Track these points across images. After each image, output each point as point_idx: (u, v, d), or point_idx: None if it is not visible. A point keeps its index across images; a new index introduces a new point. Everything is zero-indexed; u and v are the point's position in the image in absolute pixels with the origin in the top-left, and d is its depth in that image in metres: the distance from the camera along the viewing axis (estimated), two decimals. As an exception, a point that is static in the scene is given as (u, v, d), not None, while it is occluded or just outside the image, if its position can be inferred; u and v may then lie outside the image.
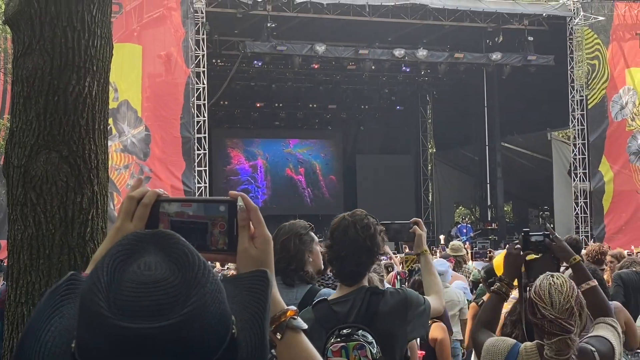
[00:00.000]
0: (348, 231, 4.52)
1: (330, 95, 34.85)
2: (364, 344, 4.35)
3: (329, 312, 4.54)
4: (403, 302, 4.56)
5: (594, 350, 4.05)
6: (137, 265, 1.57)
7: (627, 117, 27.08)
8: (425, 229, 5.18)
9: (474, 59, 29.52)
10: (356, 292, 4.55)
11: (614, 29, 27.30)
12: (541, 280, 4.05)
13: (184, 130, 23.67)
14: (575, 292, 4.00)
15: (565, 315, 3.92)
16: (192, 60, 23.99)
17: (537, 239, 4.65)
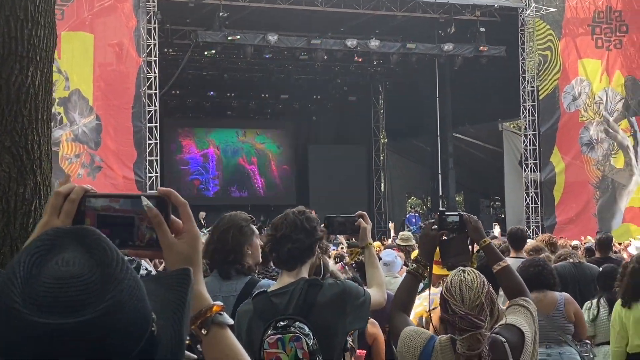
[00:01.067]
0: (287, 216, 4.59)
1: (283, 85, 34.79)
2: (301, 336, 4.36)
3: (268, 303, 4.55)
4: (342, 293, 4.56)
5: (504, 341, 4.10)
6: (55, 261, 1.54)
7: (580, 108, 27.33)
8: (370, 222, 5.17)
9: (426, 50, 29.60)
10: (295, 284, 4.55)
11: (566, 21, 27.52)
12: (452, 277, 4.09)
13: (135, 120, 23.52)
14: (485, 287, 4.05)
15: (475, 312, 3.97)
16: (144, 49, 23.85)
17: (453, 219, 4.64)
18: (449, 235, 4.66)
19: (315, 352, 4.37)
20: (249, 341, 4.53)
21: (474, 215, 4.77)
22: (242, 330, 4.57)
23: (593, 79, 27.41)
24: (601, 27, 27.65)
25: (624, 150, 27.45)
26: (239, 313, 4.70)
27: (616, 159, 27.38)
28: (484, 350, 3.98)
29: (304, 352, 4.35)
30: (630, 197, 27.35)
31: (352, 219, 5.11)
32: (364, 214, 5.16)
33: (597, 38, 27.63)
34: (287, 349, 4.37)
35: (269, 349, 4.39)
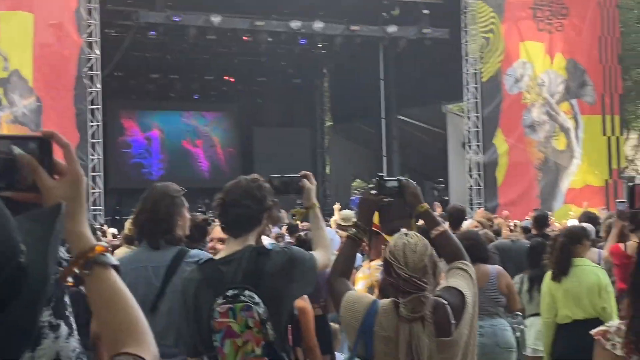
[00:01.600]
0: (240, 182, 4.64)
1: (227, 68, 34.68)
2: (251, 305, 4.36)
3: (216, 271, 4.55)
4: (289, 261, 4.57)
5: (445, 304, 4.14)
6: None
7: (523, 90, 27.53)
8: (315, 182, 5.18)
9: (370, 32, 29.61)
10: (242, 252, 4.54)
11: (508, 4, 27.65)
12: (396, 241, 4.13)
13: (77, 102, 23.22)
14: (428, 251, 4.10)
15: (419, 274, 4.02)
16: (85, 30, 23.55)
17: (392, 184, 4.65)
18: (388, 201, 4.66)
19: (266, 320, 4.37)
20: (197, 309, 4.54)
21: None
22: (188, 298, 4.58)
23: (535, 61, 27.61)
24: (542, 10, 27.83)
25: (565, 132, 27.73)
26: (185, 280, 4.70)
27: (558, 141, 27.66)
28: (426, 313, 4.02)
29: (254, 321, 4.36)
30: (571, 178, 27.65)
31: (296, 179, 5.09)
32: (309, 174, 5.14)
33: (538, 21, 27.82)
34: (238, 318, 4.36)
35: (219, 319, 4.38)
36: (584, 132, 27.90)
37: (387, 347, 4.11)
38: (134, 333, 2.12)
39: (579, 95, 28.01)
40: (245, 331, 4.36)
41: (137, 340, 2.10)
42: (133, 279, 5.08)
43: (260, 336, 4.37)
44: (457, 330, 4.14)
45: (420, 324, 4.01)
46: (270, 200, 4.68)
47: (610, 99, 28.37)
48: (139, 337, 2.12)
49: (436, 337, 4.05)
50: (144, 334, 2.14)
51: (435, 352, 4.04)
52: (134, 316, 2.13)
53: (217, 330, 4.39)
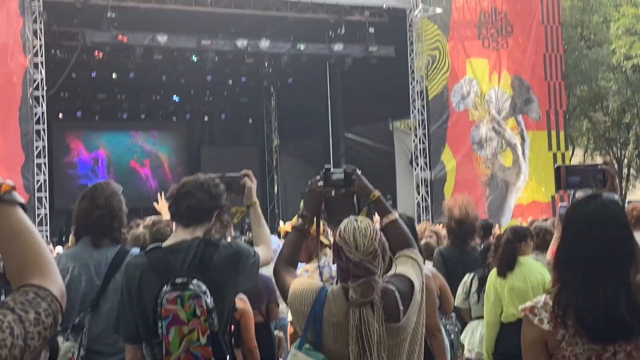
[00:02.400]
0: (197, 177, 4.78)
1: (174, 87, 34.57)
2: (200, 294, 4.45)
3: (163, 258, 4.60)
4: (235, 254, 4.68)
5: (394, 290, 4.15)
6: None
7: (469, 107, 27.78)
8: (255, 180, 5.32)
9: (316, 50, 29.65)
10: (190, 242, 4.62)
11: (454, 22, 27.94)
12: (345, 225, 4.14)
13: (22, 122, 23.03)
14: (378, 235, 4.13)
15: (369, 258, 4.05)
16: (30, 50, 23.36)
17: (338, 176, 4.63)
18: (335, 193, 4.64)
19: (212, 310, 4.45)
20: (141, 294, 4.57)
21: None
22: (132, 283, 4.61)
23: (481, 78, 27.90)
24: (487, 27, 28.17)
25: (511, 148, 28.03)
26: (130, 265, 4.75)
27: (504, 157, 27.94)
28: (375, 297, 4.03)
29: (202, 309, 4.43)
30: (519, 194, 27.91)
31: (237, 178, 5.20)
32: (249, 173, 5.32)
33: (483, 38, 28.15)
34: (186, 306, 4.41)
35: (167, 306, 4.43)
36: (530, 148, 28.21)
37: (336, 332, 4.12)
38: (39, 266, 2.17)
39: (525, 111, 28.35)
40: (192, 319, 4.42)
41: (42, 273, 2.16)
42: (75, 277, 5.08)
43: (207, 325, 4.44)
44: (405, 317, 4.15)
45: (370, 309, 4.02)
46: (224, 200, 4.75)
47: (555, 115, 28.75)
48: (44, 270, 2.17)
49: (385, 322, 4.07)
50: (49, 267, 2.19)
51: (384, 338, 4.05)
52: (39, 251, 2.18)
53: (163, 317, 4.43)
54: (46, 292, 2.11)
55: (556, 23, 29.12)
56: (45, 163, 23.70)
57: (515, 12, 28.55)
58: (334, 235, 4.22)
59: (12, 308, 2.02)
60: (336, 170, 4.68)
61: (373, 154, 33.90)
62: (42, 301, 2.08)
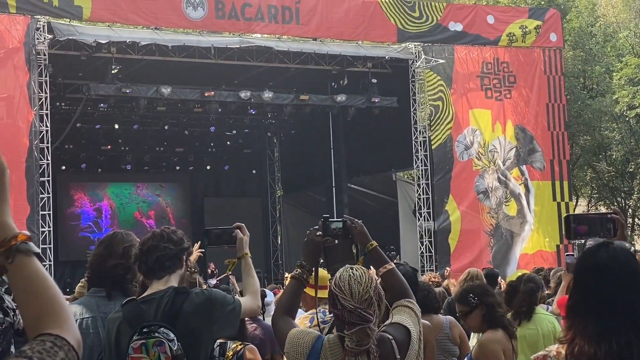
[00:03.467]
0: (154, 231, 4.83)
1: (178, 138, 34.66)
2: (164, 341, 4.52)
3: (137, 310, 4.67)
4: (208, 301, 4.70)
5: (391, 339, 4.18)
6: None
7: (473, 157, 27.81)
8: (248, 233, 5.35)
9: (319, 101, 29.76)
10: (163, 291, 4.68)
11: (456, 72, 28.08)
12: (341, 273, 4.16)
13: (28, 174, 23.07)
14: (373, 282, 4.15)
15: (364, 305, 4.06)
16: (35, 103, 23.46)
17: (337, 225, 4.69)
18: (333, 242, 4.68)
19: (180, 356, 4.48)
20: (118, 347, 4.66)
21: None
22: (111, 337, 4.71)
23: (484, 128, 28.00)
24: (490, 78, 28.32)
25: (515, 198, 28.04)
26: (109, 320, 4.82)
27: (509, 207, 27.95)
28: (372, 346, 4.02)
29: (167, 356, 4.47)
30: (524, 244, 27.87)
31: (229, 231, 5.28)
32: (242, 225, 5.36)
33: (486, 89, 28.29)
34: (151, 354, 4.47)
35: (133, 354, 4.51)
36: (534, 198, 28.23)
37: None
38: (56, 315, 2.17)
39: (529, 161, 28.42)
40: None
41: (59, 322, 2.16)
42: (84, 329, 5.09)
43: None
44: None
45: (366, 357, 4.02)
46: (187, 243, 4.80)
47: (559, 165, 28.82)
48: (61, 319, 2.17)
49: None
50: (65, 316, 2.19)
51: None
52: (56, 300, 2.19)
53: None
54: (63, 341, 2.11)
55: (558, 73, 29.30)
56: (50, 215, 23.70)
57: (518, 63, 28.72)
58: (330, 284, 4.24)
59: (30, 357, 2.02)
60: (335, 220, 4.73)
61: (376, 204, 33.89)
62: (60, 350, 2.08)
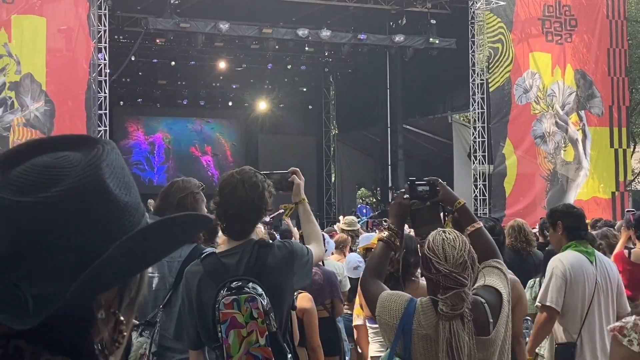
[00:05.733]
0: (237, 190, 4.60)
1: (234, 74, 34.67)
2: (255, 296, 4.46)
3: (218, 264, 4.64)
4: (290, 254, 4.67)
5: (484, 302, 4.13)
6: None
7: (532, 101, 27.48)
8: (303, 178, 5.26)
9: (377, 41, 29.54)
10: (245, 245, 4.65)
11: (517, 14, 27.67)
12: (434, 236, 4.11)
13: (87, 107, 23.28)
14: (467, 246, 4.08)
15: (459, 269, 3.99)
16: (94, 35, 23.57)
17: (423, 188, 4.68)
18: (419, 205, 4.67)
19: (269, 311, 4.46)
20: (200, 301, 4.62)
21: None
22: (191, 290, 4.66)
23: (544, 72, 27.62)
24: (551, 21, 27.88)
25: (573, 144, 27.73)
26: (188, 273, 4.76)
27: (566, 152, 27.65)
28: (466, 310, 4.00)
29: (259, 311, 4.44)
30: (579, 190, 27.63)
31: (286, 175, 5.20)
32: (297, 170, 5.25)
33: (547, 32, 27.87)
34: (243, 309, 4.44)
35: (224, 310, 4.46)
36: (591, 144, 27.90)
37: (426, 345, 4.09)
38: None
39: (587, 107, 28.04)
40: (250, 322, 4.44)
41: None
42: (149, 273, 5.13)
43: (264, 327, 4.45)
44: (495, 329, 4.13)
45: (460, 321, 3.99)
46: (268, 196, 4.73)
47: (618, 112, 28.41)
48: None
49: (475, 335, 4.04)
50: None
51: (475, 351, 4.02)
52: None
53: (221, 321, 4.46)
54: None
55: (621, 18, 28.77)
56: (106, 148, 23.85)
57: (580, 6, 28.23)
58: (422, 247, 4.21)
59: None
60: (421, 182, 4.72)
61: (431, 146, 33.76)
62: None
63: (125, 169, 1.54)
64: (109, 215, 1.47)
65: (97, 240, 1.44)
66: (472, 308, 4.04)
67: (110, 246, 1.43)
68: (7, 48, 22.12)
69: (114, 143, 1.57)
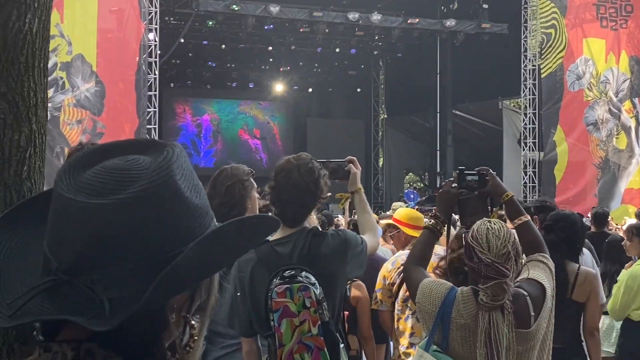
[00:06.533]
0: (292, 175, 4.57)
1: (283, 57, 34.70)
2: (308, 286, 4.44)
3: (272, 252, 4.60)
4: (343, 243, 4.63)
5: (526, 295, 4.10)
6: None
7: (584, 87, 27.15)
8: (360, 167, 5.22)
9: (428, 25, 29.44)
10: (298, 233, 4.62)
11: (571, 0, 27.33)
12: (479, 225, 4.08)
13: (137, 88, 23.42)
14: (512, 237, 4.06)
15: (501, 260, 3.97)
16: (145, 17, 23.66)
17: (472, 177, 4.66)
18: (468, 194, 4.67)
19: (322, 300, 4.44)
20: (253, 289, 4.61)
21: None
22: (244, 278, 4.64)
23: (597, 58, 27.24)
24: (606, 6, 27.48)
25: (626, 132, 27.34)
26: (241, 262, 4.72)
27: (619, 140, 27.26)
28: (506, 301, 3.94)
29: (311, 300, 4.42)
30: (630, 178, 27.27)
31: (343, 164, 5.16)
32: (354, 159, 5.23)
33: (601, 17, 27.47)
34: (295, 298, 4.43)
35: (277, 298, 4.44)
36: (644, 132, 27.53)
37: (464, 335, 4.07)
38: None
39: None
40: (302, 311, 4.43)
41: None
42: None
43: (317, 316, 4.43)
44: (536, 323, 4.09)
45: (500, 313, 3.95)
46: (324, 184, 4.70)
47: (672, 99, 27.98)
48: None
49: (515, 327, 4.00)
50: None
51: (514, 343, 3.98)
52: None
53: (274, 310, 4.45)
54: None
55: (678, 3, 28.31)
56: (155, 129, 24.04)
57: (636, -9, 27.83)
58: (466, 236, 4.16)
59: None
60: (470, 172, 4.70)
61: (481, 132, 33.59)
62: None
63: (193, 172, 1.56)
64: (182, 218, 1.48)
65: (170, 243, 1.46)
66: (513, 300, 4.00)
67: (184, 248, 1.45)
68: (59, 28, 22.22)
69: (181, 146, 1.58)
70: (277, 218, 1.57)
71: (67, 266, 1.44)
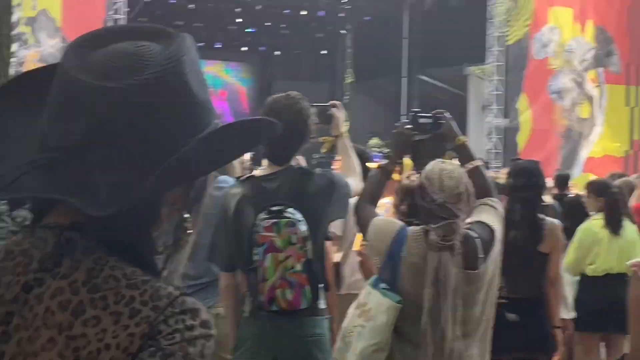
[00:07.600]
0: (281, 114, 4.51)
1: (250, 18, 34.45)
2: (295, 222, 4.46)
3: (258, 187, 4.66)
4: (330, 183, 4.71)
5: (476, 237, 4.14)
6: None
7: (549, 56, 27.20)
8: (344, 111, 5.29)
9: (396, -10, 29.37)
10: (285, 171, 4.68)
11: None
12: (432, 166, 4.16)
13: (102, 45, 23.17)
14: (464, 179, 4.13)
15: (454, 200, 4.01)
16: (111, -27, 23.44)
17: (426, 120, 4.72)
18: (422, 137, 4.70)
19: (307, 238, 4.50)
20: (238, 222, 4.62)
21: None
22: (229, 211, 4.65)
23: (563, 27, 27.29)
24: (573, -25, 27.54)
25: (589, 101, 27.48)
26: (227, 194, 4.76)
27: (582, 109, 27.40)
28: (456, 242, 4.00)
29: (298, 237, 4.48)
30: (591, 147, 27.46)
31: (326, 108, 5.20)
32: (338, 103, 5.30)
33: (568, -14, 27.54)
34: (282, 234, 4.48)
35: (263, 232, 4.49)
36: (607, 102, 27.66)
37: (414, 274, 4.11)
38: None
39: (606, 64, 27.73)
40: (288, 247, 4.49)
41: None
42: None
43: (302, 253, 4.49)
44: (484, 265, 4.13)
45: (449, 253, 4.00)
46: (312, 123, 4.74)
47: (636, 70, 28.10)
48: None
49: (463, 268, 4.04)
50: None
51: (461, 284, 4.04)
52: None
53: (259, 244, 4.50)
54: None
55: (644, -27, 28.39)
56: (121, 88, 23.83)
57: (604, -41, 27.87)
58: (419, 176, 4.21)
59: None
60: (424, 115, 4.76)
61: (446, 98, 33.55)
62: None
63: (201, 67, 1.55)
64: (188, 110, 1.47)
65: (175, 134, 1.44)
66: (462, 241, 4.05)
67: (188, 141, 1.43)
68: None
69: (192, 37, 1.59)
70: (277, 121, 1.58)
71: (66, 145, 1.41)
